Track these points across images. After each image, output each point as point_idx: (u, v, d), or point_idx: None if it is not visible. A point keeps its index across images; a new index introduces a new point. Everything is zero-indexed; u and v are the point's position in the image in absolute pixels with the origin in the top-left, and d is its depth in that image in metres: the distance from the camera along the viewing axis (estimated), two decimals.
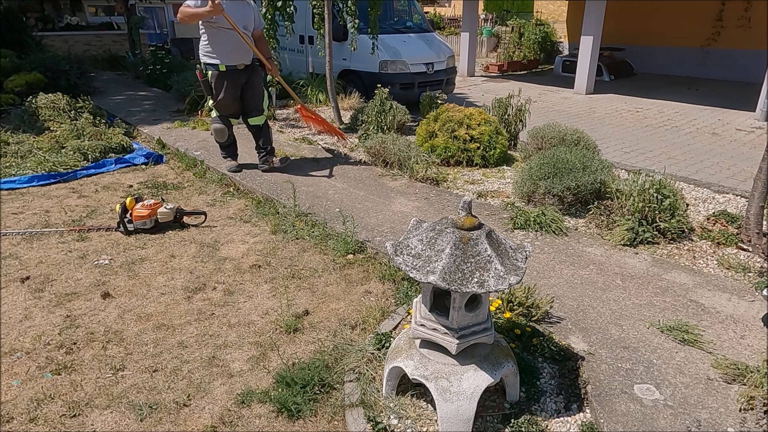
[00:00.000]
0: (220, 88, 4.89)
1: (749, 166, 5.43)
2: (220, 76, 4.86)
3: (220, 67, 4.81)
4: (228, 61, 4.82)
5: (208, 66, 4.86)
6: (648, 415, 2.15)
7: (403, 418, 2.20)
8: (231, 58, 4.82)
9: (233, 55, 4.82)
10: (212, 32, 4.71)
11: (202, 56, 4.86)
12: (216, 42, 4.75)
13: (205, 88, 4.96)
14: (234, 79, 4.91)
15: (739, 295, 3.07)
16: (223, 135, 5.18)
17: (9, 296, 3.19)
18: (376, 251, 3.65)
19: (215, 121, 5.15)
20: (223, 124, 5.13)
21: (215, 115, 5.13)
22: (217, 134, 5.17)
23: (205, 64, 4.87)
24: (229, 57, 4.82)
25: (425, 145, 5.65)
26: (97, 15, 16.70)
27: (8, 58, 9.43)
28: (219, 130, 5.14)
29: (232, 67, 4.85)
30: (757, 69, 9.65)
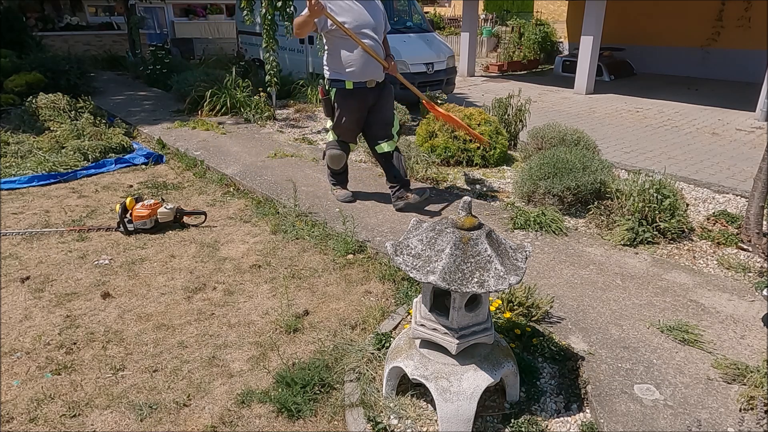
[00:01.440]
0: (344, 109, 4.08)
1: (749, 166, 5.43)
2: (345, 95, 4.03)
3: (347, 84, 3.97)
4: (357, 77, 3.96)
5: (332, 83, 4.04)
6: (648, 415, 2.15)
7: (403, 418, 2.20)
8: (360, 74, 3.96)
9: (363, 70, 3.95)
10: (336, 42, 3.90)
11: (326, 71, 4.07)
12: (341, 54, 3.90)
13: (326, 108, 4.16)
14: (362, 99, 4.07)
15: (739, 295, 3.07)
16: (340, 162, 4.37)
17: (9, 296, 3.19)
18: (376, 251, 3.65)
19: (333, 146, 4.29)
20: (342, 150, 4.29)
21: (333, 138, 4.32)
22: (332, 161, 4.35)
23: (328, 80, 4.07)
24: (359, 73, 3.95)
25: (425, 145, 5.65)
26: (97, 15, 16.70)
27: (8, 58, 9.43)
28: (336, 157, 4.31)
29: (360, 84, 3.99)
30: (757, 69, 9.65)
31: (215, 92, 7.91)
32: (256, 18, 7.77)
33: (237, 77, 8.21)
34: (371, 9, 3.95)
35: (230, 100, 7.86)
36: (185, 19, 18.31)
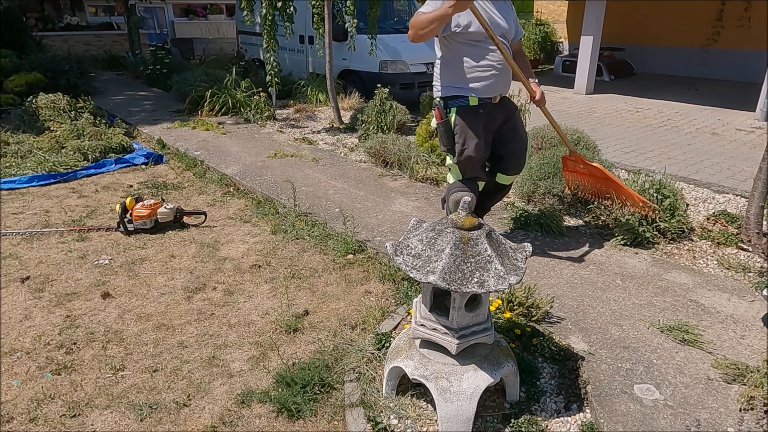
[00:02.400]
0: (469, 133, 3.09)
1: (749, 166, 5.43)
2: (468, 115, 3.09)
3: (471, 100, 3.07)
4: (482, 91, 3.07)
5: (449, 101, 3.11)
6: (648, 415, 2.15)
7: (403, 418, 2.20)
8: (489, 89, 3.08)
9: (494, 84, 3.09)
10: (457, 49, 3.04)
11: (440, 87, 3.16)
12: (464, 63, 3.04)
13: (444, 136, 3.12)
14: (489, 118, 3.14)
15: (739, 295, 3.07)
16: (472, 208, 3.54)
17: (9, 296, 3.19)
18: (376, 251, 3.65)
19: (459, 188, 3.22)
20: (471, 191, 3.20)
21: (456, 178, 3.27)
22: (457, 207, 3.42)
23: (443, 98, 3.14)
24: (486, 87, 3.07)
25: (425, 145, 5.65)
26: (97, 15, 16.69)
27: (8, 58, 9.44)
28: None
29: (485, 100, 3.10)
30: (757, 69, 9.64)
31: (215, 92, 7.91)
32: (256, 18, 7.77)
33: (237, 77, 8.22)
34: (503, 10, 3.11)
35: (230, 100, 7.87)
36: (185, 19, 18.31)
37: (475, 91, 3.07)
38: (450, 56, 3.09)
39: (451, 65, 3.10)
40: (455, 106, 3.11)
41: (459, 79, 3.09)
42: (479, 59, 3.03)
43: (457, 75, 3.09)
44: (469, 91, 3.07)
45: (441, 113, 3.11)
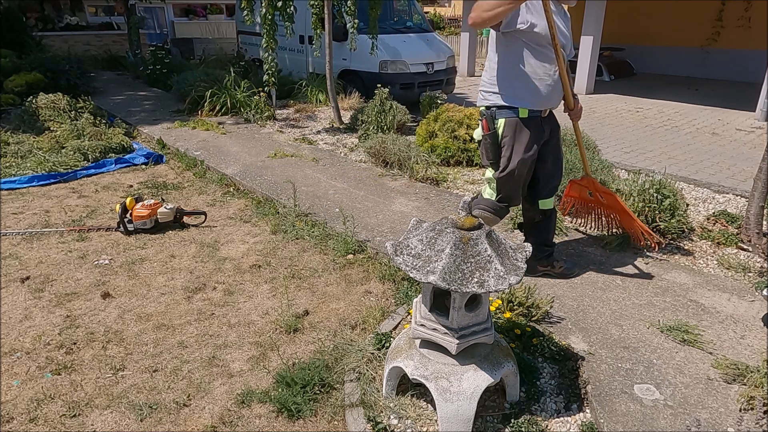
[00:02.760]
0: (517, 149, 2.87)
1: (749, 166, 5.43)
2: (518, 129, 2.86)
3: (521, 112, 2.84)
4: (535, 102, 2.85)
5: (498, 111, 2.87)
6: (648, 415, 2.15)
7: (403, 418, 2.20)
8: (540, 99, 2.86)
9: (549, 95, 2.88)
10: (514, 51, 2.80)
11: (487, 93, 2.92)
12: (523, 69, 2.80)
13: (490, 149, 2.90)
14: (536, 133, 2.91)
15: (739, 295, 3.07)
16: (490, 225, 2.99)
17: (9, 296, 3.19)
18: (376, 251, 3.65)
19: (488, 207, 3.00)
20: (500, 216, 3.06)
21: (490, 195, 3.03)
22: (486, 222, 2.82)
23: (492, 107, 2.89)
24: (541, 98, 2.86)
25: (425, 145, 5.65)
26: (97, 15, 16.70)
27: (8, 58, 9.44)
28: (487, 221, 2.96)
29: (536, 113, 2.88)
30: (757, 69, 9.65)
31: (215, 92, 7.91)
32: (256, 18, 7.77)
33: (237, 77, 8.22)
34: (566, 24, 2.91)
35: (230, 100, 7.87)
36: (185, 19, 18.31)
37: (528, 102, 2.85)
38: (506, 60, 2.84)
39: (506, 70, 2.85)
40: (504, 117, 2.87)
41: (512, 87, 2.85)
42: (538, 67, 2.81)
43: (510, 82, 2.85)
44: (521, 102, 2.84)
45: (489, 124, 2.89)
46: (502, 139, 2.90)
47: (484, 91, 2.95)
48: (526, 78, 2.81)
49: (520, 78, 2.82)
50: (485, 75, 2.96)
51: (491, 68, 2.91)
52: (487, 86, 2.93)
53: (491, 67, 2.91)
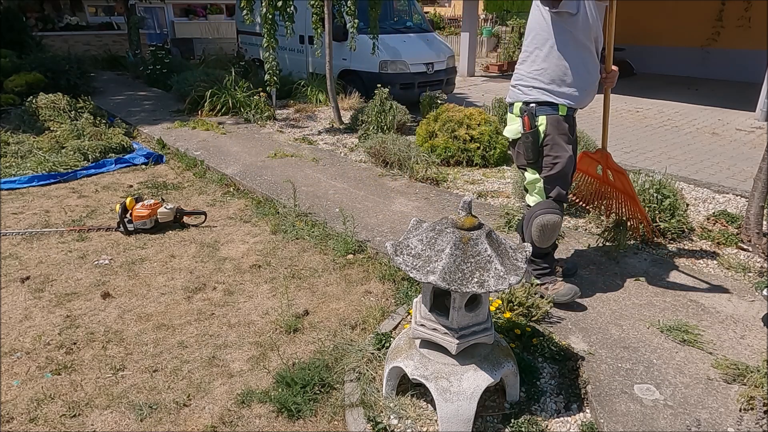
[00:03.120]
0: (562, 145, 2.74)
1: (749, 166, 5.43)
2: (558, 126, 2.73)
3: (560, 109, 2.72)
4: (574, 99, 2.74)
5: (539, 107, 2.72)
6: (648, 415, 2.15)
7: (403, 418, 2.20)
8: (580, 96, 2.75)
9: (586, 90, 2.76)
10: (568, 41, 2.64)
11: (526, 88, 2.76)
12: (569, 62, 2.66)
13: (530, 148, 2.74)
14: (572, 131, 2.83)
15: (739, 295, 3.07)
16: (556, 232, 2.82)
17: (9, 296, 3.19)
18: (376, 251, 3.65)
19: (548, 209, 2.76)
20: (561, 214, 2.81)
21: (542, 196, 2.83)
22: (547, 232, 2.78)
23: (531, 103, 2.73)
24: (579, 93, 2.74)
25: (425, 145, 5.65)
26: (97, 15, 16.70)
27: (8, 58, 9.44)
28: (555, 226, 2.77)
29: (572, 111, 2.79)
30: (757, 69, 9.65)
31: (215, 92, 7.92)
32: (256, 18, 7.77)
33: (237, 77, 8.22)
34: (600, 12, 2.74)
35: (230, 100, 7.87)
36: (185, 19, 18.31)
37: (568, 98, 2.71)
38: (552, 52, 2.65)
39: (550, 62, 2.67)
40: (545, 114, 2.72)
41: (555, 82, 2.69)
42: (582, 61, 2.67)
43: (554, 76, 2.69)
44: (561, 98, 2.70)
45: (530, 121, 2.71)
46: (545, 137, 2.73)
47: (522, 86, 2.76)
48: (571, 72, 2.68)
49: (564, 73, 2.68)
50: (525, 68, 2.77)
51: (533, 61, 2.72)
52: (528, 80, 2.74)
53: (533, 59, 2.72)
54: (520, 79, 2.79)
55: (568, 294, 2.86)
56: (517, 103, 2.79)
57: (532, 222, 2.78)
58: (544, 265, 2.93)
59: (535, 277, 2.92)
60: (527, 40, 2.77)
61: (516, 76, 2.82)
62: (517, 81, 2.81)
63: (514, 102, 2.81)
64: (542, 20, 2.66)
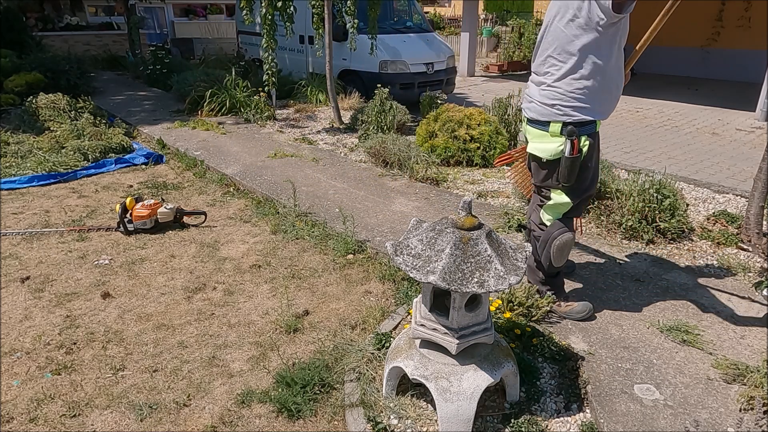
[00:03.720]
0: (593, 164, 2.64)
1: (749, 166, 5.43)
2: (596, 142, 2.61)
3: (597, 125, 2.56)
4: (605, 112, 2.58)
5: (581, 128, 2.49)
6: (648, 415, 2.15)
7: (403, 418, 2.20)
8: (609, 108, 2.60)
9: (615, 101, 2.60)
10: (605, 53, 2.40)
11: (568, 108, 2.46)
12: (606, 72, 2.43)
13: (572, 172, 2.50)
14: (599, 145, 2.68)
15: (739, 295, 3.07)
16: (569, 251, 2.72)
17: (9, 296, 3.19)
18: (376, 251, 3.65)
19: (561, 229, 2.66)
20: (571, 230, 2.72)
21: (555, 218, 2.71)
22: (567, 251, 2.70)
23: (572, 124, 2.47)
24: (610, 105, 2.59)
25: (425, 145, 5.65)
26: (97, 15, 16.69)
27: (8, 58, 9.44)
28: (571, 242, 2.68)
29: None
30: (757, 69, 9.65)
31: (215, 92, 7.92)
32: (256, 18, 7.77)
33: (237, 77, 8.22)
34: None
35: (230, 100, 7.87)
36: (185, 19, 18.31)
37: (604, 113, 2.53)
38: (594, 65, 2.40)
39: (594, 78, 2.42)
40: (587, 134, 2.50)
41: (598, 99, 2.47)
42: (617, 70, 2.47)
43: (598, 93, 2.45)
44: (599, 114, 2.51)
45: (578, 145, 2.46)
46: (586, 159, 2.53)
47: (563, 106, 2.46)
48: (611, 86, 2.48)
49: (607, 89, 2.46)
50: (564, 85, 2.45)
51: (573, 78, 2.42)
52: (569, 99, 2.44)
53: (574, 76, 2.42)
54: (558, 99, 2.46)
55: (583, 311, 2.81)
56: (554, 123, 2.50)
57: (550, 244, 2.66)
58: (558, 283, 2.88)
59: (549, 291, 2.86)
60: (559, 52, 2.44)
61: (551, 94, 2.49)
62: (555, 100, 2.47)
63: (550, 121, 2.51)
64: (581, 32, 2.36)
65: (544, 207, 2.73)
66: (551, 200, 2.68)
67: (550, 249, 2.66)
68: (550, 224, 2.71)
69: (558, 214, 2.69)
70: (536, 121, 2.57)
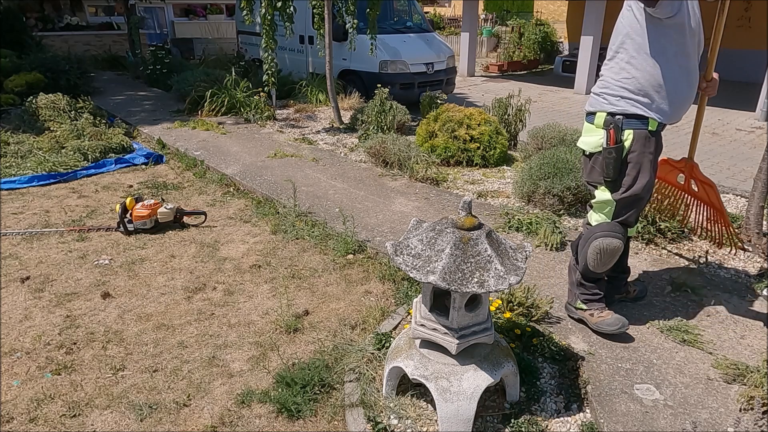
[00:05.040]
0: (645, 165, 2.46)
1: (749, 166, 5.43)
2: (645, 143, 2.44)
3: (650, 123, 2.42)
4: (667, 114, 2.44)
5: (626, 120, 2.42)
6: (648, 415, 2.15)
7: (403, 418, 2.20)
8: (674, 110, 2.46)
9: (681, 102, 2.46)
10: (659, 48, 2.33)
11: (613, 98, 2.44)
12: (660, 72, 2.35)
13: (612, 164, 2.43)
14: (659, 150, 2.53)
15: (739, 295, 3.07)
16: (614, 258, 2.56)
17: (9, 296, 3.19)
18: (376, 251, 3.65)
19: (606, 230, 2.52)
20: (622, 236, 2.54)
21: (605, 217, 2.57)
22: (605, 257, 2.53)
23: (618, 114, 2.43)
24: (674, 106, 2.44)
25: (425, 145, 5.65)
26: (97, 15, 16.68)
27: (8, 58, 9.44)
28: (614, 251, 2.52)
29: (662, 127, 2.48)
30: (757, 69, 9.65)
31: (215, 92, 7.92)
32: (256, 18, 7.77)
33: (237, 77, 8.22)
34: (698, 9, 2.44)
35: (230, 100, 7.87)
36: (185, 19, 18.30)
37: (659, 112, 2.41)
38: (648, 59, 2.34)
39: (643, 70, 2.36)
40: (633, 129, 2.41)
41: (646, 93, 2.38)
42: (679, 69, 2.35)
43: (646, 86, 2.37)
44: (652, 111, 2.40)
45: (616, 135, 2.41)
46: (629, 154, 2.43)
47: (609, 94, 2.45)
48: (666, 84, 2.36)
49: (658, 84, 2.36)
50: (612, 74, 2.45)
51: (622, 67, 2.40)
52: (615, 88, 2.42)
53: (622, 66, 2.40)
54: (606, 87, 2.47)
55: (615, 324, 2.59)
56: (600, 113, 2.48)
57: (589, 244, 2.55)
58: (594, 290, 2.67)
59: (582, 302, 2.70)
60: (615, 42, 2.45)
61: (601, 84, 2.51)
62: (602, 89, 2.49)
63: (596, 111, 2.49)
64: (635, 22, 2.34)
65: (593, 207, 2.64)
66: (595, 198, 2.59)
67: (587, 249, 2.55)
68: (596, 224, 2.60)
69: (605, 216, 2.56)
70: (588, 113, 2.57)
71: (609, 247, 2.49)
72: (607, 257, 2.52)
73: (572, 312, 2.77)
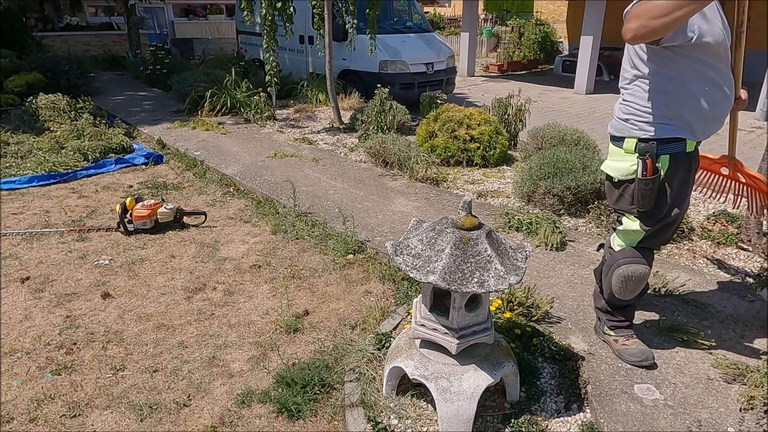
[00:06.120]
0: (677, 189, 2.27)
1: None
2: (681, 165, 2.25)
3: (688, 145, 2.23)
4: (703, 131, 2.25)
5: (662, 145, 2.20)
6: (648, 415, 2.15)
7: (403, 418, 2.20)
8: (709, 126, 2.26)
9: (716, 117, 2.26)
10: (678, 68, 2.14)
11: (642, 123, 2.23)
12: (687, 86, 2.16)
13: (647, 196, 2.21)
14: (695, 169, 2.39)
15: (739, 295, 3.07)
16: (642, 284, 2.41)
17: (9, 296, 3.19)
18: (376, 251, 3.65)
19: (630, 257, 2.37)
20: (648, 262, 2.39)
21: (630, 242, 2.39)
22: (632, 284, 2.38)
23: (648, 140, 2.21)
24: (708, 123, 2.24)
25: (425, 145, 5.65)
26: (97, 15, 16.69)
27: (8, 58, 9.44)
28: (641, 277, 2.37)
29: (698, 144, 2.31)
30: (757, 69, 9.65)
31: (215, 92, 7.92)
32: (256, 18, 7.77)
33: (237, 77, 8.22)
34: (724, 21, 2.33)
35: (230, 100, 7.87)
36: (185, 19, 18.31)
37: (697, 130, 2.21)
38: (664, 76, 2.17)
39: (668, 89, 2.17)
40: (669, 153, 2.20)
41: (679, 114, 2.17)
42: (711, 83, 2.16)
43: (678, 106, 2.17)
44: (688, 131, 2.20)
45: (653, 165, 2.17)
46: (665, 180, 2.23)
47: (638, 120, 2.23)
48: (699, 102, 2.16)
49: (687, 102, 2.16)
50: (638, 100, 2.23)
51: (643, 92, 2.22)
52: (646, 115, 2.21)
53: (643, 89, 2.22)
54: (632, 114, 2.25)
55: (638, 357, 2.44)
56: (629, 139, 2.27)
57: (613, 271, 2.39)
58: (621, 317, 2.53)
59: (609, 328, 2.56)
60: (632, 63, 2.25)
61: (626, 110, 2.28)
62: (629, 115, 2.26)
63: (625, 137, 2.28)
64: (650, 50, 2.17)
65: (616, 231, 2.43)
66: (622, 225, 2.38)
67: (611, 277, 2.40)
68: (619, 249, 2.41)
69: (630, 242, 2.38)
70: (613, 137, 2.37)
71: (634, 274, 2.34)
72: (633, 284, 2.37)
73: (601, 336, 2.65)
